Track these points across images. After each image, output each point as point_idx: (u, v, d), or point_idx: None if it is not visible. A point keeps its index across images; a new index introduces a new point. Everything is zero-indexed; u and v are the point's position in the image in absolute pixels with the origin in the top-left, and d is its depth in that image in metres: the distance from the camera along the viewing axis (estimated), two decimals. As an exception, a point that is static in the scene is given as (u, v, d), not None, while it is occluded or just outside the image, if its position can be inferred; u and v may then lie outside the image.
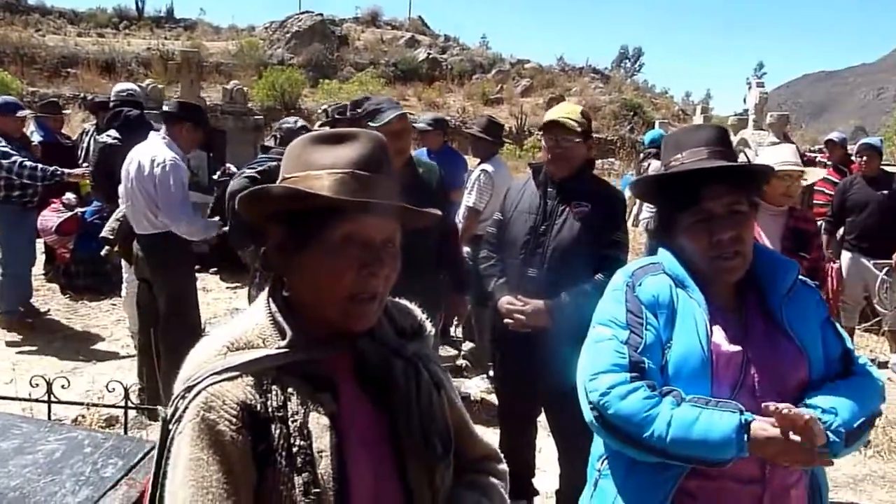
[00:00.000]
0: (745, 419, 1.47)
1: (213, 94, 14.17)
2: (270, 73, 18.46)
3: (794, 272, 1.73)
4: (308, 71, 21.13)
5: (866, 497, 3.88)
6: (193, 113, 4.37)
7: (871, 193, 5.84)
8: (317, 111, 18.74)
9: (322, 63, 22.36)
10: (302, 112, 19.46)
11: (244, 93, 12.42)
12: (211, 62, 20.20)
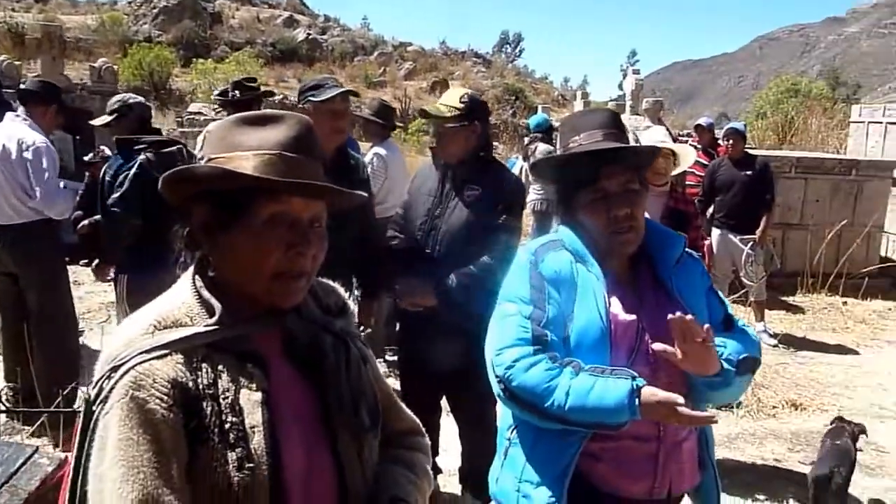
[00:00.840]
0: (637, 385, 1.61)
1: (72, 72, 13.26)
2: (137, 51, 17.51)
3: (681, 245, 1.89)
4: (179, 49, 20.18)
5: (739, 453, 4.28)
6: (56, 93, 4.17)
7: (736, 174, 6.36)
8: (190, 91, 17.97)
9: (194, 41, 21.41)
10: (173, 93, 18.59)
11: (114, 71, 11.72)
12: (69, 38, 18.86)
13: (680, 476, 1.81)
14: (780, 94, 21.60)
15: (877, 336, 6.86)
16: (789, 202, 8.26)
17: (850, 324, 7.15)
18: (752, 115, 21.28)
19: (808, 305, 7.59)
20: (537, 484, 1.74)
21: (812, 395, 5.21)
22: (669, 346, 1.66)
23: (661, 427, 1.74)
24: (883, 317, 7.38)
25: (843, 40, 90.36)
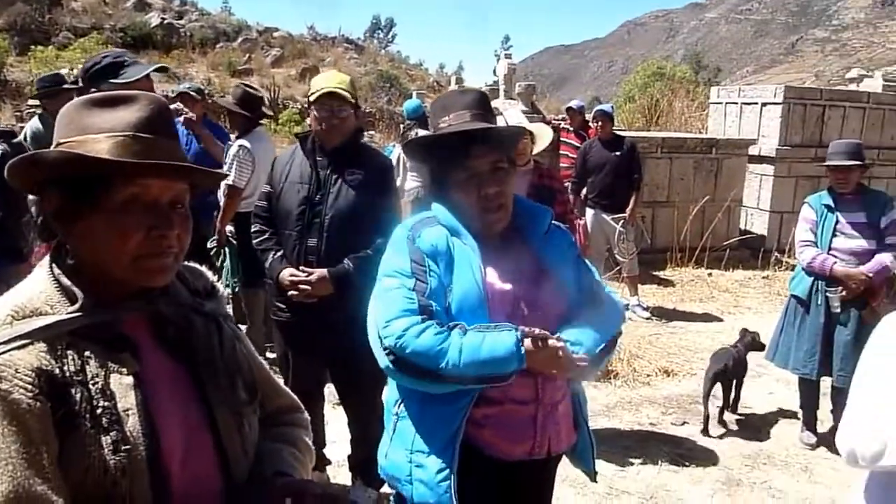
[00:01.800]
0: (520, 335, 1.79)
1: None
2: (-38, 40, 16.11)
3: (548, 217, 2.08)
4: (13, 36, 18.77)
5: (617, 420, 4.62)
6: None
7: (606, 155, 6.78)
8: (28, 82, 16.74)
9: (30, 27, 19.95)
10: (9, 84, 17.28)
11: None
12: None
13: (557, 436, 2.00)
14: (647, 77, 22.82)
15: (739, 303, 7.54)
16: (657, 181, 8.88)
17: (714, 293, 7.81)
18: (621, 98, 22.42)
19: (676, 278, 8.21)
20: (428, 452, 1.87)
21: (682, 362, 5.68)
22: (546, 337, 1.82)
23: (538, 390, 1.92)
24: (744, 285, 8.12)
25: (704, 25, 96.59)
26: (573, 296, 2.01)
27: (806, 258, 4.19)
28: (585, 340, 1.90)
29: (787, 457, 4.19)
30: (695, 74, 32.42)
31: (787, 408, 4.79)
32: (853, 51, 44.67)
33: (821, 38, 56.75)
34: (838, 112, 10.01)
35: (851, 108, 10.13)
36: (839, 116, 10.01)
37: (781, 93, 9.71)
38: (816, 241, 4.18)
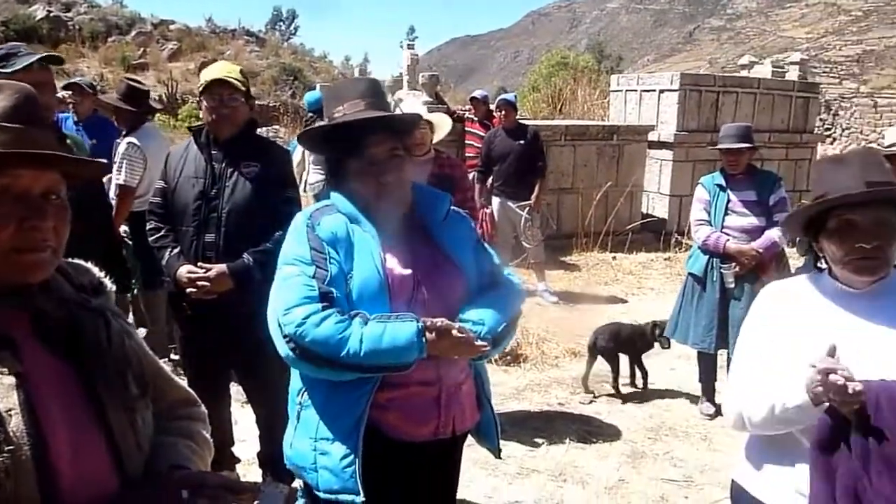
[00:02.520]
0: (421, 325, 1.83)
1: None
2: None
3: (447, 202, 2.13)
4: None
5: (527, 402, 4.76)
6: None
7: (511, 144, 6.92)
8: None
9: None
10: None
11: None
12: None
13: (461, 416, 2.06)
14: (551, 67, 23.36)
15: (642, 285, 7.88)
16: (561, 168, 9.14)
17: (619, 276, 8.13)
18: (527, 88, 22.86)
19: (582, 263, 8.49)
20: (332, 439, 1.90)
21: (590, 343, 5.89)
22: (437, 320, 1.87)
23: (440, 372, 1.97)
24: (647, 267, 8.47)
25: (606, 15, 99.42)
26: (473, 279, 2.07)
27: (701, 237, 4.43)
28: (487, 320, 1.97)
29: (687, 427, 4.43)
30: (598, 63, 33.36)
31: (687, 381, 5.04)
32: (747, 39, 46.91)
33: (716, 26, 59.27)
34: (731, 98, 10.55)
35: (743, 93, 10.70)
36: (732, 102, 10.55)
37: (677, 80, 10.16)
38: (710, 220, 4.43)
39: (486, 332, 1.94)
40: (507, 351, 5.36)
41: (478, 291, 2.07)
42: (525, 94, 19.31)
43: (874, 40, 34.38)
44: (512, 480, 3.78)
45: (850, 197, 1.77)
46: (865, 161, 1.84)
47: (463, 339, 1.85)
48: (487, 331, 1.95)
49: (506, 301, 2.08)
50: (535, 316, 6.39)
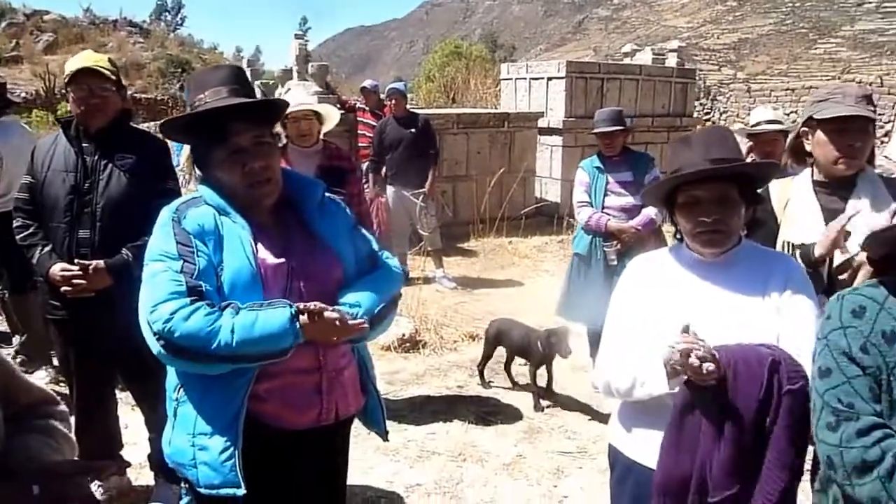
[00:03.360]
0: (294, 310, 1.80)
1: None
2: None
3: (321, 189, 2.11)
4: None
5: (427, 387, 4.81)
6: None
7: (402, 132, 6.93)
8: None
9: None
10: None
11: None
12: None
13: (345, 400, 2.06)
14: (445, 57, 23.48)
15: (537, 267, 8.08)
16: (455, 156, 9.24)
17: (515, 260, 8.31)
18: (422, 77, 22.92)
19: (479, 248, 8.62)
20: (211, 434, 1.85)
21: (486, 326, 5.98)
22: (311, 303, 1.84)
23: (320, 358, 1.96)
24: (541, 250, 8.69)
25: (498, 6, 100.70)
26: (351, 265, 2.06)
27: (583, 217, 4.58)
28: (364, 302, 1.96)
29: (581, 401, 4.58)
30: (491, 53, 33.79)
31: (579, 357, 5.20)
32: (632, 28, 48.62)
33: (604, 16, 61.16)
34: (616, 84, 10.93)
35: (626, 80, 11.10)
36: (616, 88, 10.93)
37: (564, 68, 10.43)
38: (591, 202, 4.58)
39: (362, 313, 1.93)
40: (405, 338, 5.40)
41: (357, 277, 2.06)
42: (419, 84, 19.35)
43: (748, 28, 36.32)
44: (413, 464, 3.81)
45: (687, 175, 1.89)
46: (709, 140, 1.96)
47: (338, 319, 1.83)
48: (364, 311, 1.94)
49: (383, 283, 2.08)
50: (434, 302, 6.45)
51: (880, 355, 1.46)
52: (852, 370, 1.49)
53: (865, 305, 1.51)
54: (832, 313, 1.56)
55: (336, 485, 2.21)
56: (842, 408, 1.48)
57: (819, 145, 2.40)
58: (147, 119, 13.28)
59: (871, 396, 1.46)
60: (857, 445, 1.44)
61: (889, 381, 1.45)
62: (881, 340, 1.47)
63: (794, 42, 35.65)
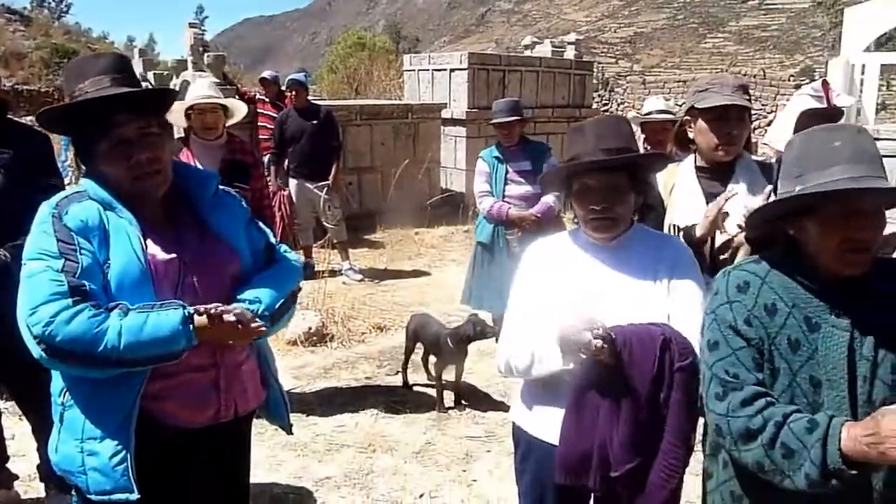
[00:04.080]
0: (188, 312, 1.74)
1: None
2: None
3: (214, 182, 2.05)
4: None
5: (335, 380, 4.77)
6: None
7: (303, 124, 6.80)
8: None
9: None
10: None
11: None
12: None
13: (244, 396, 2.02)
14: (349, 48, 23.26)
15: (444, 257, 8.13)
16: (359, 147, 9.17)
17: (422, 250, 8.34)
18: (325, 69, 22.62)
19: (386, 240, 8.61)
20: (101, 437, 1.77)
21: (395, 317, 5.99)
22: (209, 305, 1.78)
23: (217, 355, 1.91)
24: (447, 240, 8.75)
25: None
26: (247, 259, 2.02)
27: (485, 207, 4.64)
28: (264, 298, 1.92)
29: (487, 387, 4.65)
30: (395, 44, 33.69)
31: (486, 345, 5.28)
32: (534, 21, 49.69)
33: (506, 9, 62.11)
34: (517, 76, 11.10)
35: (527, 72, 11.30)
36: (517, 80, 11.11)
37: (466, 59, 10.51)
38: (492, 191, 4.65)
39: (263, 310, 1.89)
40: (312, 331, 5.33)
41: (254, 271, 2.02)
42: (323, 76, 19.09)
43: (643, 23, 37.61)
44: (321, 457, 3.78)
45: (578, 166, 1.95)
46: (601, 129, 2.02)
47: (237, 323, 1.78)
48: (265, 308, 1.90)
49: (282, 277, 2.05)
50: (341, 295, 6.40)
51: (762, 327, 1.54)
52: (737, 342, 1.57)
53: (749, 280, 1.59)
54: (719, 289, 1.64)
55: (238, 483, 2.17)
56: (728, 378, 1.56)
57: (700, 133, 2.52)
58: (30, 112, 12.52)
59: (755, 366, 1.55)
60: (742, 415, 1.51)
61: (771, 350, 1.54)
62: (763, 313, 1.55)
63: (686, 36, 37.30)
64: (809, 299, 1.53)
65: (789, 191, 1.53)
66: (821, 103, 3.32)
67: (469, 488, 3.53)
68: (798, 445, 1.41)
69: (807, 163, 1.51)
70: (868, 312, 1.50)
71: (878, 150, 1.50)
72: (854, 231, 1.45)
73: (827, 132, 1.54)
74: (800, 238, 1.55)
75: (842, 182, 1.42)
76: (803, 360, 1.52)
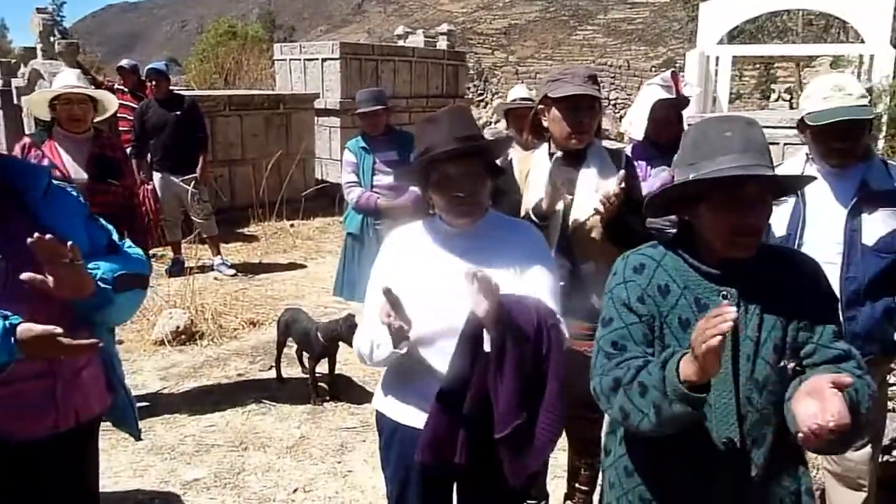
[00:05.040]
0: (11, 323, 1.61)
1: None
2: None
3: (45, 176, 1.93)
4: None
5: (206, 378, 4.63)
6: None
7: (166, 115, 6.49)
8: None
9: None
10: None
11: None
12: None
13: (86, 403, 1.92)
14: (219, 37, 22.44)
15: (320, 249, 8.03)
16: (230, 139, 8.88)
17: (298, 242, 8.20)
18: (196, 58, 21.71)
19: (261, 233, 8.39)
20: None
21: (268, 311, 5.87)
22: (38, 275, 1.68)
23: (53, 362, 1.79)
24: (324, 231, 8.64)
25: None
26: (85, 254, 1.91)
27: (353, 197, 4.61)
28: (103, 266, 1.84)
29: (364, 378, 4.62)
30: (270, 34, 32.80)
31: (361, 334, 5.28)
32: (411, 12, 49.74)
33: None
34: (390, 66, 11.08)
35: (400, 62, 11.30)
36: (391, 70, 11.08)
37: (338, 49, 10.38)
38: (360, 181, 4.62)
39: (103, 273, 1.81)
40: (180, 330, 5.14)
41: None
42: (193, 65, 18.33)
43: (517, 15, 38.51)
44: (190, 459, 3.66)
45: (440, 154, 1.97)
46: (452, 119, 2.05)
47: (69, 344, 1.65)
48: (104, 272, 1.82)
49: (126, 259, 1.96)
50: (213, 291, 6.20)
51: (655, 305, 1.61)
52: (630, 318, 1.63)
53: (645, 263, 1.67)
54: (617, 270, 1.71)
55: (86, 492, 2.06)
56: (614, 351, 1.62)
57: (554, 122, 2.60)
58: None
59: (644, 341, 1.61)
60: (612, 373, 1.59)
61: (662, 328, 1.61)
62: (656, 293, 1.62)
63: (558, 28, 38.51)
64: (700, 281, 1.61)
65: (684, 177, 1.60)
66: (670, 93, 3.49)
67: (344, 479, 3.52)
68: (650, 380, 1.47)
69: (700, 151, 1.58)
70: (753, 294, 1.59)
71: (766, 141, 1.59)
72: (742, 217, 1.52)
73: (720, 123, 1.63)
74: (694, 223, 1.63)
75: (730, 170, 1.50)
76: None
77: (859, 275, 2.49)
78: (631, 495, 1.67)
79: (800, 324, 1.57)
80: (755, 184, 1.52)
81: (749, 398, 1.56)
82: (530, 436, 1.86)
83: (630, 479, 1.69)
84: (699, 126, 1.67)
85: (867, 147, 2.59)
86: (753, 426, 1.56)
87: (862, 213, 2.49)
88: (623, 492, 1.70)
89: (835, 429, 1.28)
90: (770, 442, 1.57)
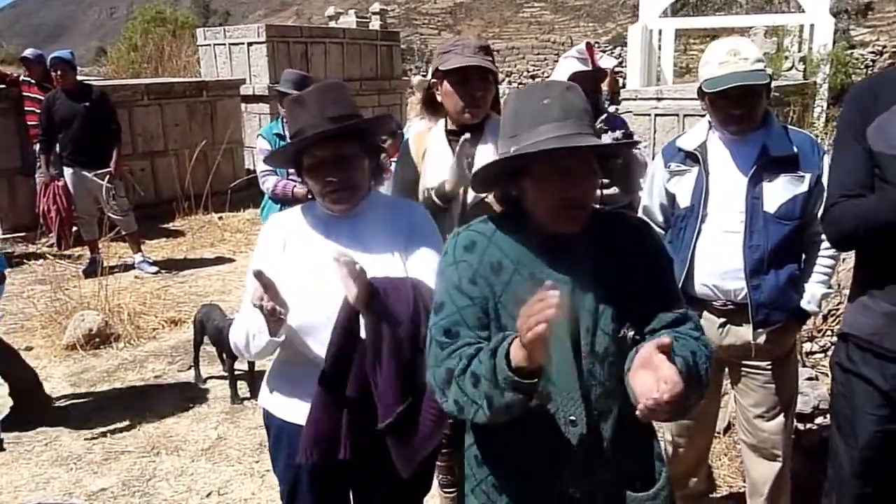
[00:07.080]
0: None
1: None
2: None
3: None
4: None
5: (119, 382, 4.50)
6: None
7: (74, 107, 6.25)
8: None
9: None
10: None
11: None
12: None
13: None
14: (147, 23, 21.85)
15: (251, 241, 7.85)
16: (150, 129, 8.63)
17: (226, 236, 8.02)
18: (125, 46, 21.09)
19: (187, 227, 8.19)
20: None
21: (191, 309, 5.68)
22: None
23: None
24: (255, 223, 8.46)
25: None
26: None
27: (269, 186, 4.51)
28: None
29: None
30: (204, 20, 32.08)
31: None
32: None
33: (319, -19, 60.96)
34: (320, 48, 10.90)
35: (331, 44, 11.12)
36: (321, 52, 10.91)
37: (264, 32, 10.16)
38: (275, 170, 4.52)
39: None
40: (93, 333, 4.99)
41: None
42: (115, 55, 17.81)
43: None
44: (97, 468, 3.55)
45: (309, 139, 1.89)
46: (323, 97, 1.97)
47: None
48: None
49: None
50: (132, 290, 6.03)
51: (488, 285, 1.54)
52: (462, 301, 1.55)
53: (476, 240, 1.59)
54: (448, 249, 1.63)
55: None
56: (447, 339, 1.53)
57: (447, 96, 2.55)
58: None
59: (478, 324, 1.53)
60: (445, 364, 1.51)
61: (496, 308, 1.54)
62: (489, 272, 1.55)
63: (504, 6, 38.46)
64: (533, 257, 1.55)
65: (505, 151, 1.53)
66: (586, 65, 3.48)
67: (262, 479, 3.45)
68: (480, 369, 1.41)
69: (519, 122, 1.52)
70: (588, 266, 1.54)
71: (586, 105, 1.53)
72: (566, 189, 1.47)
73: (538, 90, 1.56)
74: (521, 198, 1.57)
75: (548, 142, 1.44)
76: None
77: (762, 243, 2.50)
78: (484, 485, 1.63)
79: (636, 289, 1.54)
80: (575, 155, 1.47)
81: (591, 371, 1.52)
82: (416, 422, 1.82)
83: (480, 468, 1.64)
84: (519, 94, 1.60)
85: (767, 113, 2.60)
86: (598, 400, 1.53)
87: (763, 181, 2.50)
88: (476, 482, 1.65)
89: (669, 399, 1.27)
90: (616, 415, 1.55)
